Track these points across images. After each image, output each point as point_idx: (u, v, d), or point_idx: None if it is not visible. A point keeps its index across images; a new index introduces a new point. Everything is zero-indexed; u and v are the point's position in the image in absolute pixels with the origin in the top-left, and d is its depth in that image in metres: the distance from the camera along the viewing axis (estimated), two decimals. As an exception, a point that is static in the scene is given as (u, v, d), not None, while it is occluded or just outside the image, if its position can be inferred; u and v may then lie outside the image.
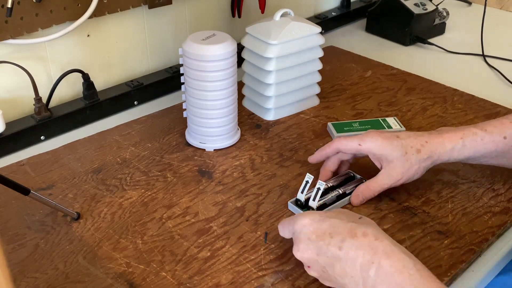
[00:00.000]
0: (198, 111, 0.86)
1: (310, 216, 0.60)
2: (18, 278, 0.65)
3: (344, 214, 0.61)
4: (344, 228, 0.58)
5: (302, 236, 0.60)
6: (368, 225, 0.58)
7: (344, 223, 0.58)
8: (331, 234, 0.58)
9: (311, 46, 0.94)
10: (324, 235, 0.58)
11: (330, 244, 0.57)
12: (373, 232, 0.57)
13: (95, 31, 0.98)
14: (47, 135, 0.92)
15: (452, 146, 0.72)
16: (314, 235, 0.58)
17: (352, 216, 0.61)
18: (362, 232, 0.57)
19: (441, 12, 1.30)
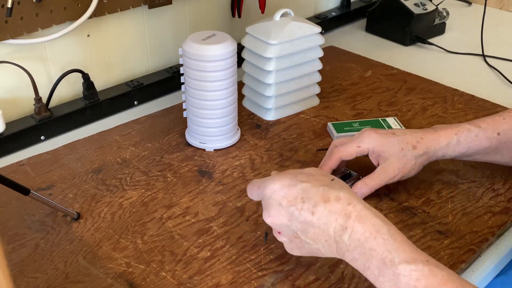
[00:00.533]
0: (198, 111, 0.86)
1: (280, 181, 0.58)
2: (18, 278, 0.65)
3: (316, 176, 0.59)
4: (316, 192, 0.56)
5: (272, 202, 0.58)
6: (341, 189, 0.56)
7: (316, 187, 0.56)
8: (303, 199, 0.56)
9: (311, 46, 0.94)
10: (295, 200, 0.56)
11: (303, 209, 0.56)
12: (346, 196, 0.55)
13: (95, 31, 0.98)
14: (47, 135, 0.92)
15: (447, 142, 0.73)
16: (285, 200, 0.57)
17: (324, 178, 0.59)
18: (335, 196, 0.55)
19: (441, 12, 1.30)
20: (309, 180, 0.57)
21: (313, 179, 0.58)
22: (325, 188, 0.56)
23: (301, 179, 0.58)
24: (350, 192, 0.57)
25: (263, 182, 0.60)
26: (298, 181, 0.57)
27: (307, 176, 0.58)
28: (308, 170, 0.61)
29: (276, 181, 0.58)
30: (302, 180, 0.58)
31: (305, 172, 0.60)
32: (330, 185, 0.57)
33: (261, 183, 0.60)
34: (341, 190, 0.56)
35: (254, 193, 0.63)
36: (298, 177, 0.58)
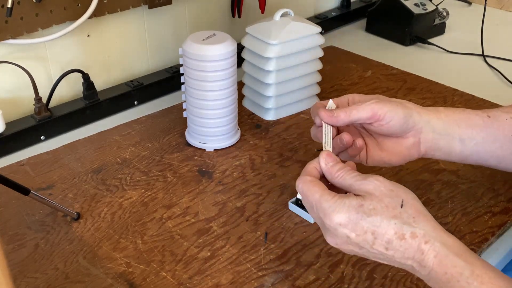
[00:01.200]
0: (198, 111, 0.86)
1: (345, 214, 0.53)
2: (18, 278, 0.65)
3: (383, 200, 0.52)
4: (387, 227, 0.51)
5: (338, 234, 0.53)
6: (415, 220, 0.52)
7: (387, 221, 0.51)
8: (373, 233, 0.52)
9: (311, 46, 0.94)
10: (365, 235, 0.52)
11: (375, 244, 0.52)
12: (422, 233, 0.51)
13: (95, 31, 0.98)
14: (47, 135, 0.92)
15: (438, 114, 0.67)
16: (354, 233, 0.52)
17: (391, 203, 0.52)
18: (411, 233, 0.51)
19: (441, 12, 1.30)
20: (376, 210, 0.52)
21: (381, 208, 0.52)
22: (397, 222, 0.52)
23: (368, 209, 0.52)
24: (425, 224, 0.52)
25: (322, 207, 0.54)
26: (365, 214, 0.52)
27: (374, 203, 0.53)
28: (371, 187, 0.54)
29: (341, 214, 0.53)
30: (370, 211, 0.52)
31: (369, 195, 0.53)
32: (401, 215, 0.52)
33: (319, 206, 0.54)
34: (416, 223, 0.52)
35: (310, 210, 0.57)
36: (364, 206, 0.52)
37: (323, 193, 0.54)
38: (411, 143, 0.66)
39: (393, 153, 0.67)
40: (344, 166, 0.57)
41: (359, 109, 0.63)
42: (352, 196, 0.54)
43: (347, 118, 0.63)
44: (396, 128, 0.64)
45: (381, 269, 0.66)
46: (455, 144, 0.67)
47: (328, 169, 0.57)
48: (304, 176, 0.57)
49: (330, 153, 0.58)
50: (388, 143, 0.67)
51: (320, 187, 0.55)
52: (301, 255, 0.68)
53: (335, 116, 0.63)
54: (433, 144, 0.67)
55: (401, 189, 0.54)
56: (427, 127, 0.66)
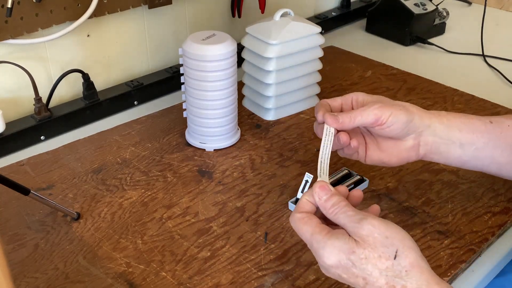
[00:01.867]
0: (198, 111, 0.86)
1: (335, 257, 0.52)
2: (18, 278, 0.65)
3: (375, 251, 0.51)
4: (379, 277, 0.51)
5: (330, 272, 0.54)
6: (408, 273, 0.51)
7: (378, 271, 0.51)
8: (365, 279, 0.52)
9: (311, 46, 0.94)
10: (357, 278, 0.52)
11: (366, 287, 0.52)
12: (414, 286, 0.50)
13: (95, 31, 0.98)
14: (47, 135, 0.92)
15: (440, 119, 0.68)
16: (345, 275, 0.53)
17: (385, 252, 0.51)
18: (401, 286, 0.51)
19: (441, 12, 1.30)
20: (368, 260, 0.51)
21: (373, 257, 0.51)
22: (388, 273, 0.51)
23: (359, 257, 0.51)
24: (419, 277, 0.51)
25: (314, 247, 0.54)
26: (356, 262, 0.51)
27: (366, 252, 0.52)
28: (364, 233, 0.52)
29: (331, 257, 0.52)
30: (361, 260, 0.51)
31: (362, 242, 0.52)
32: (393, 268, 0.51)
33: (310, 245, 0.54)
34: (408, 276, 0.51)
35: (305, 241, 0.56)
36: (356, 253, 0.51)
37: (314, 232, 0.54)
38: (411, 145, 0.67)
39: (392, 154, 0.67)
40: (339, 200, 0.56)
41: (363, 115, 0.63)
42: (344, 237, 0.53)
43: (351, 123, 0.63)
44: (397, 132, 0.65)
45: (381, 269, 0.66)
46: (455, 149, 0.67)
47: (322, 203, 0.56)
48: (294, 214, 0.57)
49: (323, 185, 0.57)
50: (387, 144, 0.67)
51: (311, 224, 0.55)
52: (301, 255, 0.68)
53: (340, 122, 0.63)
54: (432, 147, 0.67)
55: (397, 236, 0.52)
56: (428, 131, 0.66)
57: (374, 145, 0.68)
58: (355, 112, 0.64)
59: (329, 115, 0.63)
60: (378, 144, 0.68)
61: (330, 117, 0.63)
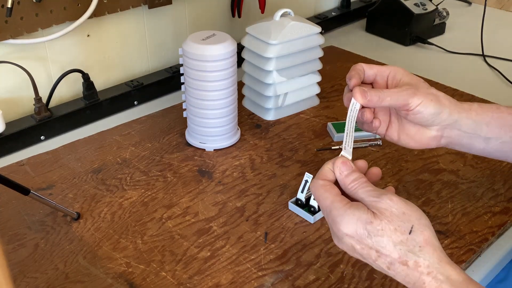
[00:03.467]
0: (198, 111, 0.86)
1: (352, 226, 0.52)
2: (18, 278, 0.65)
3: (393, 222, 0.52)
4: (392, 251, 0.51)
5: (345, 241, 0.54)
6: (421, 249, 0.51)
7: (392, 245, 0.51)
8: (378, 252, 0.52)
9: (311, 46, 0.94)
10: (370, 250, 0.52)
11: (377, 260, 0.52)
12: (426, 263, 0.51)
13: (95, 31, 0.98)
14: (47, 135, 0.92)
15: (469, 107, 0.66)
16: (359, 246, 0.53)
17: (402, 226, 0.52)
18: (414, 262, 0.51)
19: (441, 12, 1.30)
20: (384, 232, 0.52)
21: (389, 230, 0.52)
22: (402, 248, 0.51)
23: (376, 228, 0.52)
24: (431, 255, 0.51)
25: (330, 212, 0.54)
26: (372, 233, 0.52)
27: (383, 224, 0.52)
28: (383, 206, 0.52)
29: (348, 225, 0.53)
30: (377, 231, 0.52)
31: (380, 214, 0.52)
32: (407, 242, 0.51)
33: (329, 212, 0.54)
34: (421, 252, 0.51)
35: (321, 207, 0.56)
36: (373, 224, 0.52)
37: (334, 200, 0.54)
38: (433, 135, 0.65)
39: (412, 138, 0.66)
40: (359, 176, 0.56)
41: (393, 97, 0.62)
42: (363, 208, 0.53)
43: (379, 103, 0.62)
44: (422, 121, 0.64)
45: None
46: (479, 142, 0.66)
47: (342, 178, 0.56)
48: (316, 180, 0.56)
49: (345, 161, 0.57)
50: (410, 128, 0.66)
51: (332, 192, 0.55)
52: (301, 255, 0.68)
53: (368, 100, 0.61)
54: (455, 140, 0.66)
55: (414, 214, 0.52)
56: (454, 125, 0.65)
57: (397, 125, 0.67)
58: (385, 92, 0.62)
59: (359, 90, 0.62)
60: (402, 125, 0.66)
61: (359, 92, 0.62)
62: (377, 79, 0.66)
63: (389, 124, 0.67)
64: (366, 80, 0.66)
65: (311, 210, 0.74)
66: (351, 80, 0.64)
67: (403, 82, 0.64)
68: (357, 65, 0.66)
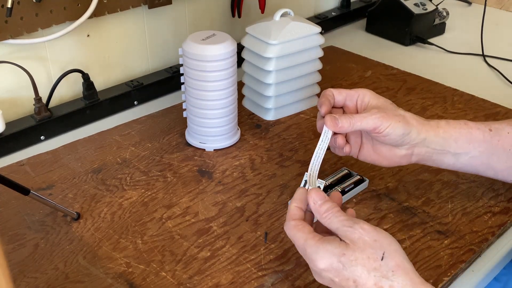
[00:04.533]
0: (198, 111, 0.86)
1: (327, 261, 0.55)
2: (18, 278, 0.65)
3: (364, 253, 0.54)
4: (367, 278, 0.54)
5: (323, 276, 0.56)
6: (394, 273, 0.53)
7: (367, 272, 0.54)
8: (355, 282, 0.54)
9: (311, 46, 0.94)
10: (347, 281, 0.54)
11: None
12: (399, 286, 0.53)
13: (95, 31, 0.98)
14: (47, 135, 0.92)
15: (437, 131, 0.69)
16: (337, 279, 0.55)
17: (373, 254, 0.54)
18: (389, 287, 0.53)
19: (441, 12, 1.30)
20: (357, 261, 0.54)
21: (362, 259, 0.54)
22: (376, 274, 0.54)
23: (349, 259, 0.54)
24: (403, 278, 0.53)
25: (306, 251, 0.57)
26: (346, 264, 0.54)
27: (356, 254, 0.54)
28: (356, 236, 0.55)
29: (323, 260, 0.55)
30: (351, 262, 0.54)
31: (353, 244, 0.55)
32: (381, 268, 0.54)
33: (304, 251, 0.57)
34: (394, 277, 0.53)
35: (297, 247, 0.59)
36: (346, 256, 0.54)
37: (307, 238, 0.57)
38: (403, 154, 0.69)
39: (384, 157, 0.70)
40: (332, 206, 0.58)
41: (363, 122, 0.66)
42: (336, 241, 0.55)
43: (350, 128, 0.66)
44: (391, 142, 0.68)
45: (381, 269, 0.66)
46: (448, 158, 0.70)
47: (317, 208, 0.59)
48: (288, 222, 0.59)
49: (317, 191, 0.60)
50: (381, 148, 0.70)
51: (304, 231, 0.57)
52: (301, 255, 0.68)
53: (339, 127, 0.65)
54: (425, 156, 0.70)
55: (386, 240, 0.55)
56: (423, 143, 0.69)
57: (369, 146, 0.71)
58: (355, 117, 0.66)
59: (330, 118, 0.66)
60: (373, 145, 0.70)
61: (331, 120, 0.66)
62: (346, 103, 0.70)
63: (361, 146, 0.71)
64: (336, 104, 0.70)
65: (311, 210, 0.74)
66: (322, 107, 0.68)
67: (371, 105, 0.68)
68: (326, 91, 0.69)
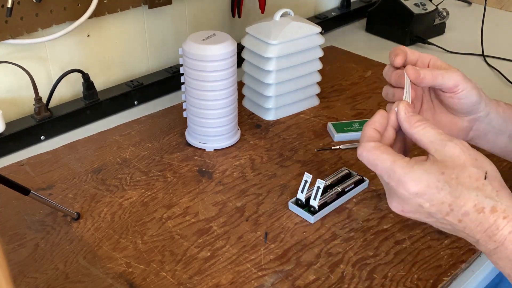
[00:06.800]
0: (198, 111, 0.86)
1: (423, 182, 0.48)
2: (18, 278, 0.65)
3: (465, 171, 0.48)
4: (468, 198, 0.48)
5: (411, 202, 0.49)
6: (498, 194, 0.49)
7: (467, 192, 0.48)
8: (451, 205, 0.48)
9: (311, 46, 0.94)
10: (442, 205, 0.48)
11: (449, 215, 0.49)
12: (502, 208, 0.48)
13: (95, 31, 0.98)
14: (47, 135, 0.92)
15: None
16: (429, 203, 0.49)
17: (475, 172, 0.49)
18: (491, 208, 0.48)
19: (441, 12, 1.30)
20: (459, 180, 0.48)
21: (463, 177, 0.48)
22: (479, 194, 0.48)
23: (450, 177, 0.48)
24: (507, 199, 0.49)
25: (394, 173, 0.49)
26: (446, 183, 0.48)
27: (456, 171, 0.49)
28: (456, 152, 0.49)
29: (419, 182, 0.48)
30: (451, 180, 0.48)
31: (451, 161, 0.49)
32: (484, 188, 0.49)
33: (392, 173, 0.49)
34: (498, 197, 0.49)
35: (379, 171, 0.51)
36: (445, 174, 0.48)
37: (396, 159, 0.50)
38: (464, 126, 0.65)
39: (443, 127, 0.64)
40: (424, 118, 0.52)
41: (445, 77, 0.60)
42: (431, 160, 0.49)
43: (432, 81, 0.60)
44: (461, 108, 0.63)
45: (381, 269, 0.66)
46: (502, 140, 0.67)
47: (409, 117, 0.52)
48: (366, 143, 0.52)
49: (409, 103, 0.53)
50: (443, 117, 0.65)
51: (390, 152, 0.50)
52: (301, 255, 0.68)
53: (421, 77, 0.60)
54: (482, 134, 0.66)
55: (486, 160, 0.50)
56: (485, 118, 0.65)
57: (429, 112, 0.66)
58: (437, 71, 0.60)
59: (412, 67, 0.60)
60: (435, 112, 0.65)
61: (413, 70, 0.60)
62: (418, 65, 0.64)
63: (421, 110, 0.65)
64: (408, 63, 0.64)
65: (311, 210, 0.74)
66: (397, 57, 0.62)
67: (446, 67, 0.63)
68: (400, 47, 0.64)
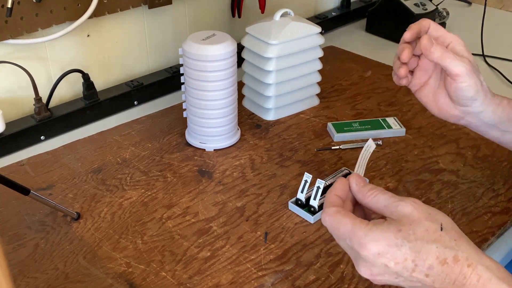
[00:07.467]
0: (198, 111, 0.86)
1: (383, 242, 0.49)
2: (18, 278, 0.65)
3: (421, 226, 0.50)
4: (429, 252, 0.49)
5: (376, 264, 0.50)
6: (457, 243, 0.49)
7: (427, 245, 0.49)
8: (414, 260, 0.49)
9: (311, 46, 0.94)
10: (405, 262, 0.49)
11: (415, 271, 0.49)
12: (465, 256, 0.49)
13: (95, 31, 0.98)
14: (47, 135, 0.92)
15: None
16: (393, 262, 0.49)
17: (431, 226, 0.50)
18: (453, 257, 0.49)
19: (441, 12, 1.30)
20: (416, 235, 0.49)
21: (420, 232, 0.49)
22: (438, 245, 0.49)
23: (407, 233, 0.49)
24: (467, 247, 0.50)
25: (354, 236, 0.50)
26: (405, 239, 0.49)
27: (412, 227, 0.50)
28: (408, 209, 0.51)
29: (379, 242, 0.49)
30: (409, 235, 0.49)
31: (406, 218, 0.50)
32: (442, 239, 0.49)
33: (353, 236, 0.51)
34: (457, 246, 0.49)
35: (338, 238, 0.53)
36: (402, 231, 0.49)
37: (355, 222, 0.51)
38: (455, 114, 0.68)
39: (438, 107, 0.69)
40: (375, 187, 0.54)
41: (453, 63, 0.63)
42: (387, 221, 0.51)
43: (438, 59, 0.63)
44: (457, 97, 0.66)
45: (381, 269, 0.66)
46: (494, 132, 0.70)
47: (360, 189, 0.55)
48: (328, 209, 0.54)
49: (359, 175, 0.56)
50: (441, 97, 0.68)
51: (350, 216, 0.52)
52: (301, 255, 0.68)
53: (431, 50, 0.63)
54: (473, 125, 0.70)
55: (439, 213, 0.52)
56: (477, 115, 0.68)
57: (431, 88, 0.69)
58: (448, 53, 0.63)
59: (428, 37, 0.63)
60: (436, 90, 0.69)
61: (428, 40, 0.63)
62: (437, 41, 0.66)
63: (425, 84, 0.69)
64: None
65: (311, 210, 0.74)
66: (408, 32, 0.66)
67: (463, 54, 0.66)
68: (424, 21, 0.66)
